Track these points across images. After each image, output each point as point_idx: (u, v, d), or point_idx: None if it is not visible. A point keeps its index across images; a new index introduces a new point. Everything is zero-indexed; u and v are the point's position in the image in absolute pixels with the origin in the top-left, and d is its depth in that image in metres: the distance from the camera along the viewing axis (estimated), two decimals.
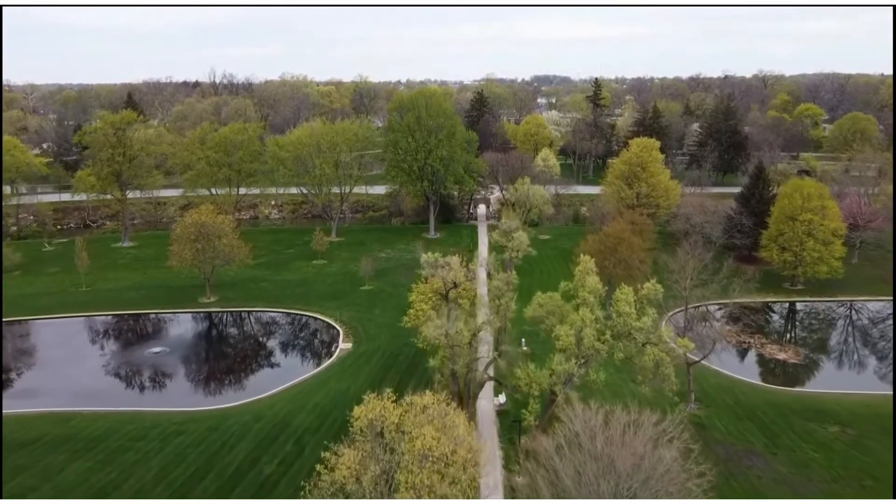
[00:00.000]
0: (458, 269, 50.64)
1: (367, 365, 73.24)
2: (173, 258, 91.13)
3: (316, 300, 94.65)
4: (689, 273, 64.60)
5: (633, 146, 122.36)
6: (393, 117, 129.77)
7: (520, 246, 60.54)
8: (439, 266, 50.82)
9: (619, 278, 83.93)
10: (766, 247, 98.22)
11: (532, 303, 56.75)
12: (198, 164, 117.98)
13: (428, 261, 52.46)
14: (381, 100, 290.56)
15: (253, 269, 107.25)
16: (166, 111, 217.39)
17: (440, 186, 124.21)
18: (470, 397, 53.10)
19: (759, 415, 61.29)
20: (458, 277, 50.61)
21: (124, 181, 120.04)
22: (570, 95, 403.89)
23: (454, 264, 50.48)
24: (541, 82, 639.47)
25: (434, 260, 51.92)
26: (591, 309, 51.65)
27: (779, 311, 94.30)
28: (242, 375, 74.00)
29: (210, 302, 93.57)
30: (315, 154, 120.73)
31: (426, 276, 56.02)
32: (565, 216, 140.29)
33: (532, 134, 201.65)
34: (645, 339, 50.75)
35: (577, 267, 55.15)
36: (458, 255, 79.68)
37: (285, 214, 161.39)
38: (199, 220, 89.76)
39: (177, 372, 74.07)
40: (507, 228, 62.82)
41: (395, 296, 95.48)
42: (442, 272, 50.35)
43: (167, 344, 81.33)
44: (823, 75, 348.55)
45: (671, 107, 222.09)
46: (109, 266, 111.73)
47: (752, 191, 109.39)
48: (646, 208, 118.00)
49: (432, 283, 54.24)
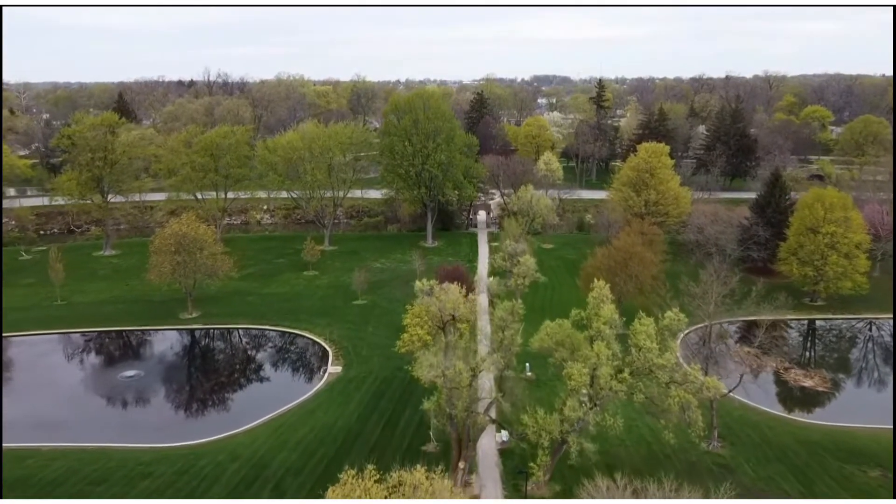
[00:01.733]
0: (456, 297, 44.56)
1: (358, 392, 67.20)
2: (152, 271, 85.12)
3: (305, 316, 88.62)
4: (713, 298, 58.42)
5: (641, 151, 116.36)
6: (389, 120, 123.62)
7: (526, 272, 54.01)
8: (435, 294, 44.69)
9: (630, 296, 78.30)
10: (785, 260, 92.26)
11: (540, 331, 50.61)
12: (182, 169, 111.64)
13: (422, 289, 46.36)
14: (380, 100, 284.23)
15: (239, 282, 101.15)
16: (158, 112, 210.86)
17: (438, 193, 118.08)
18: (470, 441, 47.08)
19: (790, 455, 55.35)
20: (458, 308, 44.57)
21: (106, 186, 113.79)
22: (571, 96, 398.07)
23: (452, 292, 44.40)
24: (540, 82, 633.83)
25: (429, 288, 45.78)
26: (608, 343, 45.65)
27: (799, 330, 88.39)
28: (221, 404, 67.83)
29: (191, 318, 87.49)
30: (307, 159, 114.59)
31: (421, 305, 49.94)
32: (569, 224, 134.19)
33: (533, 136, 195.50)
34: (669, 378, 44.77)
35: (591, 293, 49.12)
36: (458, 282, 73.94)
37: (277, 220, 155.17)
38: (179, 230, 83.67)
39: (149, 400, 67.88)
40: (512, 251, 56.19)
41: (390, 311, 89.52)
42: (438, 300, 44.24)
43: (142, 366, 75.20)
44: (829, 76, 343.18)
45: (676, 109, 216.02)
46: (88, 277, 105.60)
47: (767, 199, 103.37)
48: (654, 217, 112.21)
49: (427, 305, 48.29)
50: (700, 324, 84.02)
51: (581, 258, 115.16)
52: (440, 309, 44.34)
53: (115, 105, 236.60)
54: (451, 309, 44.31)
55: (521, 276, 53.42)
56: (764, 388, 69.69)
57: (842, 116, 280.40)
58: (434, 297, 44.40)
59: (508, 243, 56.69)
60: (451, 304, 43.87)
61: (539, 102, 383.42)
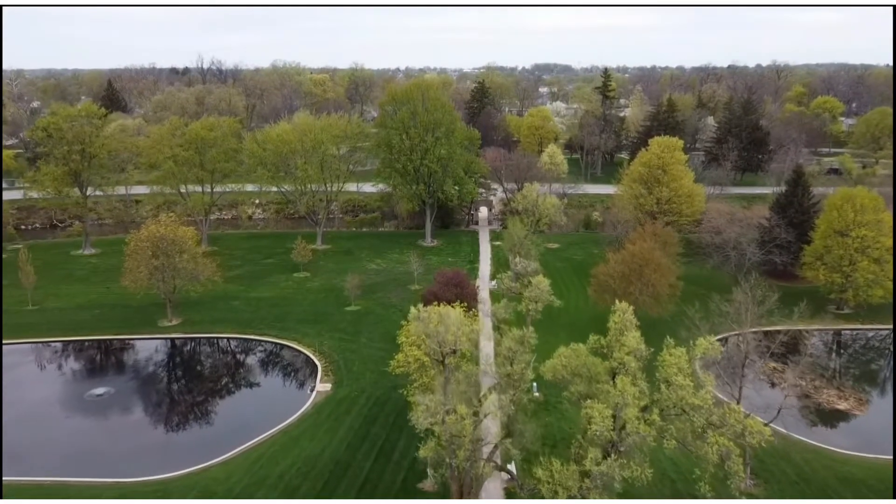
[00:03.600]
0: (458, 324, 38.12)
1: (348, 416, 60.86)
2: (126, 277, 78.67)
3: (294, 324, 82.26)
4: (749, 319, 51.93)
5: (653, 145, 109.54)
6: (385, 112, 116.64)
7: (540, 295, 47.16)
8: (432, 321, 38.22)
9: (647, 306, 71.98)
10: (810, 265, 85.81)
11: (553, 358, 44.19)
12: (165, 164, 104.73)
13: (416, 316, 39.84)
14: (378, 89, 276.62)
15: (225, 284, 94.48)
16: (147, 101, 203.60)
17: (438, 190, 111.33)
18: (471, 489, 40.77)
19: (832, 496, 49.11)
20: (460, 340, 38.18)
21: (84, 182, 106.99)
22: (574, 85, 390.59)
23: (453, 319, 37.94)
24: (541, 71, 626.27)
25: (425, 315, 39.24)
26: (634, 379, 39.28)
27: (825, 341, 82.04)
28: (196, 428, 61.36)
29: (171, 326, 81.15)
30: (298, 153, 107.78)
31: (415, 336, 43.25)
32: (575, 221, 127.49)
33: (537, 127, 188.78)
34: (705, 420, 38.42)
35: (612, 317, 42.69)
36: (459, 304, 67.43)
37: (269, 215, 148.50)
38: (156, 232, 77.13)
39: (117, 424, 61.45)
40: (522, 270, 49.39)
41: (385, 319, 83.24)
42: (436, 331, 37.81)
43: (113, 382, 68.83)
44: (837, 66, 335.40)
45: (684, 100, 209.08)
46: (64, 278, 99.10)
47: (789, 198, 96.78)
48: (667, 216, 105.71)
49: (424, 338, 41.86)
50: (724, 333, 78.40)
51: (588, 258, 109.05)
52: (439, 342, 37.96)
53: (104, 94, 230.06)
54: (451, 342, 37.97)
55: (533, 300, 46.74)
56: (795, 411, 63.19)
57: (850, 108, 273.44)
58: (431, 324, 37.92)
59: (518, 260, 49.71)
60: (451, 337, 37.52)
61: (540, 91, 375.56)
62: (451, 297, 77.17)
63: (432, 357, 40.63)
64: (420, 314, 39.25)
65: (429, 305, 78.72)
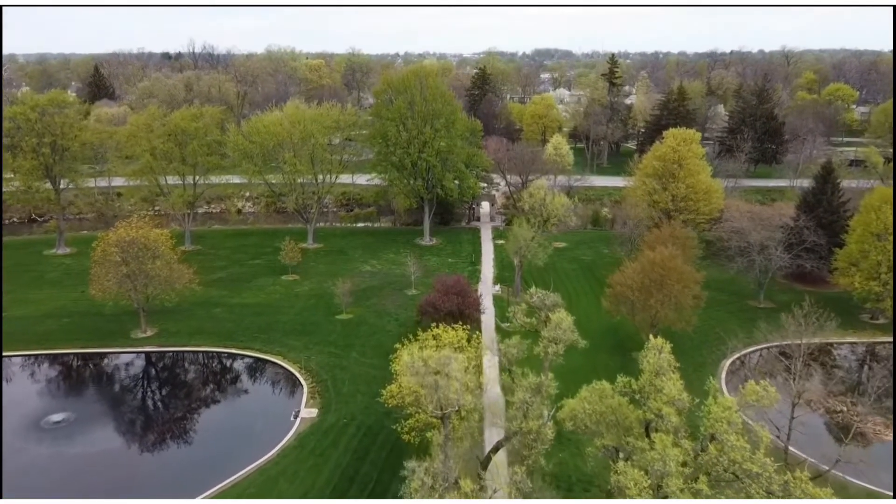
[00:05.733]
0: (461, 377, 30.99)
1: (335, 450, 53.79)
2: (93, 286, 71.43)
3: (279, 335, 75.12)
4: (803, 353, 44.63)
5: (668, 138, 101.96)
6: (380, 102, 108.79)
7: (563, 334, 39.26)
8: (430, 373, 31.03)
9: (669, 321, 64.81)
10: (844, 271, 78.57)
11: (575, 402, 37.05)
12: (142, 157, 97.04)
13: (412, 367, 32.54)
14: (375, 75, 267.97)
15: (207, 288, 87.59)
16: (133, 87, 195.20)
17: (437, 185, 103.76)
18: None
19: None
20: (463, 398, 31.02)
21: (57, 176, 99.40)
22: (576, 71, 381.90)
23: (456, 370, 30.78)
24: (542, 56, 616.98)
25: (422, 364, 31.97)
26: (675, 436, 32.18)
27: (858, 354, 74.97)
28: (162, 465, 53.89)
29: (145, 338, 73.98)
30: (287, 146, 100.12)
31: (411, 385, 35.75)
32: (582, 218, 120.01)
33: (540, 116, 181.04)
34: (765, 490, 31.34)
35: (645, 357, 35.52)
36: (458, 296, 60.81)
37: (259, 209, 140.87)
38: (125, 236, 69.73)
39: (72, 459, 54.09)
40: (538, 302, 41.85)
41: (379, 330, 76.21)
42: (436, 384, 30.63)
43: (75, 406, 61.76)
44: (842, 51, 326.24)
45: (693, 87, 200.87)
46: (34, 282, 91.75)
47: (818, 196, 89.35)
48: (682, 214, 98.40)
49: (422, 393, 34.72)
50: (756, 346, 71.40)
51: (598, 259, 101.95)
52: (440, 401, 30.87)
53: (90, 79, 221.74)
54: (454, 399, 30.89)
55: (553, 340, 39.35)
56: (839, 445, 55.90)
57: (861, 95, 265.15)
58: (430, 376, 30.77)
59: (534, 290, 42.26)
60: (454, 395, 30.40)
61: (542, 78, 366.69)
62: (451, 306, 70.37)
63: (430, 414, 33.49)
64: (414, 363, 31.98)
65: (424, 317, 72.46)
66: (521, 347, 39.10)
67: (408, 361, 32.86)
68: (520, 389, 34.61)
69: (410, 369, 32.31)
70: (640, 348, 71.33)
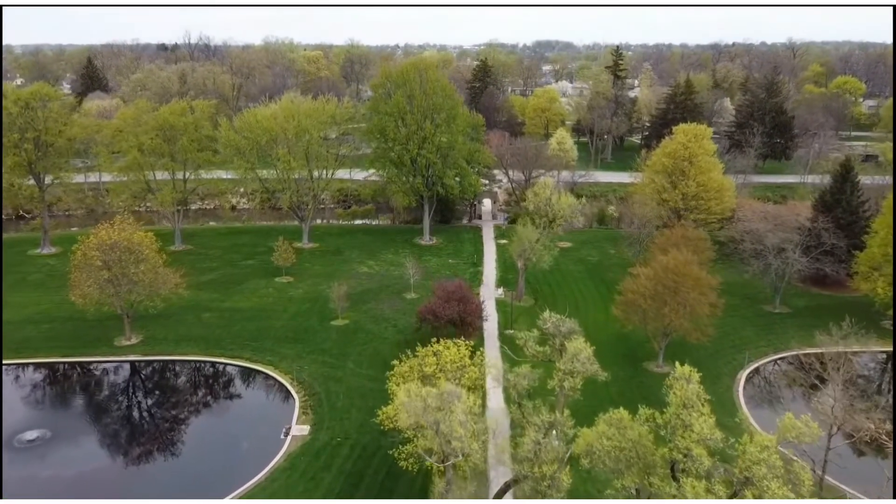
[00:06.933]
0: (463, 416, 27.12)
1: (328, 473, 50.01)
2: (73, 292, 67.54)
3: (271, 343, 71.29)
4: (841, 380, 40.61)
5: (678, 134, 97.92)
6: (378, 95, 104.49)
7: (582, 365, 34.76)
8: (429, 411, 27.14)
9: (684, 332, 60.99)
10: (866, 276, 74.66)
11: (594, 431, 33.12)
12: (129, 153, 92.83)
13: (409, 406, 28.60)
14: (375, 67, 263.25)
15: (197, 291, 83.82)
16: (125, 79, 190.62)
17: (437, 183, 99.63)
18: None
19: None
20: (469, 446, 27.15)
21: (40, 172, 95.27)
22: (577, 63, 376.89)
23: (460, 414, 26.88)
24: (542, 48, 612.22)
25: (421, 402, 28.04)
26: (709, 483, 28.32)
27: (879, 363, 71.20)
28: (141, 490, 50.01)
29: (129, 346, 70.15)
30: (280, 142, 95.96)
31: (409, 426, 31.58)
32: (588, 216, 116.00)
33: (543, 109, 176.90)
34: None
35: (673, 390, 31.65)
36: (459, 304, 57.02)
37: (254, 205, 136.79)
38: (106, 240, 65.75)
39: (42, 483, 50.13)
40: (553, 329, 37.63)
41: (376, 337, 72.39)
42: (436, 421, 26.75)
43: (51, 422, 57.91)
44: (854, 44, 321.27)
45: (699, 80, 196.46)
46: (16, 284, 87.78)
47: (836, 196, 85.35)
48: (693, 213, 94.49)
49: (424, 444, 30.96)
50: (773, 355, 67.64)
51: (605, 259, 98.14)
52: (443, 446, 27.02)
53: (83, 71, 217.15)
54: (458, 447, 27.03)
55: (569, 373, 35.21)
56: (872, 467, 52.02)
57: (868, 89, 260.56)
58: (430, 414, 26.91)
59: (548, 315, 38.26)
60: (458, 444, 26.54)
61: (543, 70, 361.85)
62: (452, 314, 66.56)
63: (432, 461, 29.62)
64: (412, 401, 28.02)
65: (423, 324, 68.64)
66: (532, 377, 35.19)
67: (405, 400, 29.03)
68: (531, 430, 30.74)
69: (407, 408, 28.50)
70: (652, 358, 68.18)
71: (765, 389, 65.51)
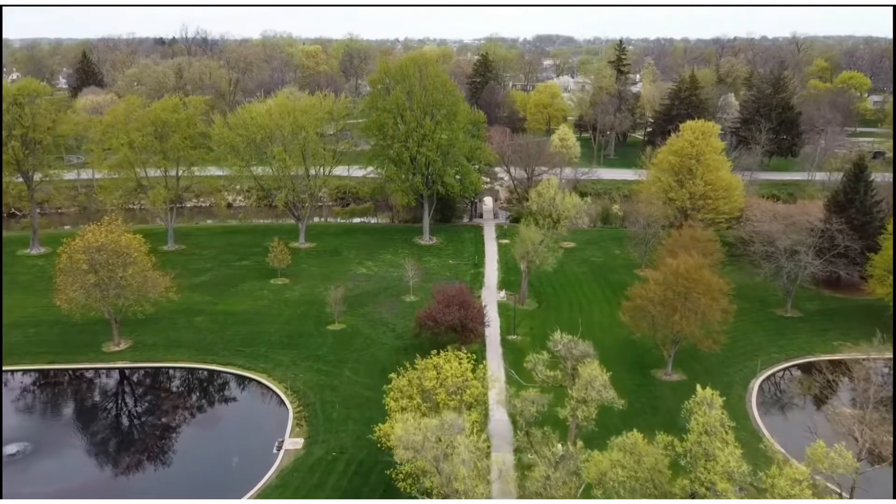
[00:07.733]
0: (467, 453, 24.63)
1: (322, 491, 47.48)
2: (58, 296, 65.00)
3: (265, 348, 68.72)
4: (872, 399, 38.00)
5: (685, 131, 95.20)
6: (377, 91, 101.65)
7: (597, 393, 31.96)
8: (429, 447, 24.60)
9: (695, 339, 58.44)
10: (881, 279, 72.07)
11: (606, 457, 30.58)
12: (120, 151, 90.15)
13: (406, 441, 26.03)
14: (374, 61, 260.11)
15: (190, 293, 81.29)
16: (120, 74, 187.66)
17: (437, 181, 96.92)
18: None
19: None
20: (470, 486, 24.61)
21: (29, 170, 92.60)
22: (578, 58, 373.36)
23: (462, 452, 24.38)
24: (543, 42, 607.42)
25: (420, 440, 25.48)
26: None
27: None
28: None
29: (118, 351, 67.61)
30: (276, 139, 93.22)
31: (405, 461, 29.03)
32: (591, 215, 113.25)
33: (545, 105, 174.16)
34: None
35: (694, 415, 29.10)
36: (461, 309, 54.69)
37: (250, 203, 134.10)
38: (93, 242, 63.15)
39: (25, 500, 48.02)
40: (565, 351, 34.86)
41: (374, 343, 69.84)
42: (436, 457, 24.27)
43: (33, 434, 55.42)
44: (859, 39, 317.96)
45: (704, 75, 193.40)
46: (4, 286, 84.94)
47: (849, 196, 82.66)
48: (701, 213, 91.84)
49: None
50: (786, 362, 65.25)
51: (610, 260, 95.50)
52: (444, 487, 24.48)
53: (78, 66, 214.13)
54: (461, 491, 24.48)
55: (582, 401, 32.46)
56: None
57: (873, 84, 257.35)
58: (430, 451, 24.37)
59: (559, 336, 35.70)
60: (461, 485, 24.00)
61: (544, 64, 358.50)
62: (452, 320, 63.90)
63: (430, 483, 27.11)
64: (410, 436, 25.40)
65: (423, 330, 66.02)
66: (541, 402, 32.58)
67: (400, 437, 26.46)
68: (542, 464, 28.19)
69: (404, 443, 25.97)
70: (660, 365, 65.63)
71: (780, 400, 63.01)
